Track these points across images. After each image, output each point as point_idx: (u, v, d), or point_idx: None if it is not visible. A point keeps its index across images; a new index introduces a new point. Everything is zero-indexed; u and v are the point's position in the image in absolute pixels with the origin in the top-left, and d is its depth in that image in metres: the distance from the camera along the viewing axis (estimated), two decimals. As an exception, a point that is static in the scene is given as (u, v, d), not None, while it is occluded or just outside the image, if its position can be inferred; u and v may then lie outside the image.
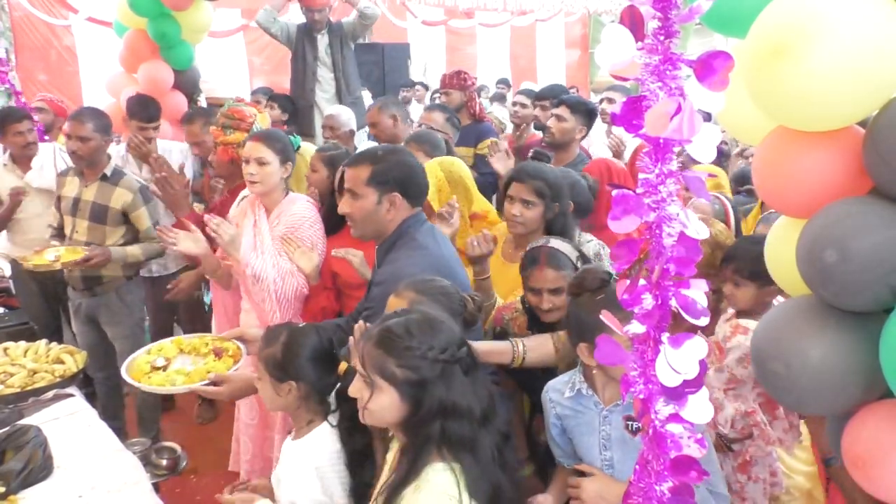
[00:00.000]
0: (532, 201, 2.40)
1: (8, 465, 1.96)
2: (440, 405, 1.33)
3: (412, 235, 2.07)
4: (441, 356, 1.34)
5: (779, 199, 1.62)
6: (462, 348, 1.39)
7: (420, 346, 1.34)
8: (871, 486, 1.42)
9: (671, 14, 0.80)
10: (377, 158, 2.08)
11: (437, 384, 1.33)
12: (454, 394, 1.34)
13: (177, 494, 3.18)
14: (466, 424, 1.33)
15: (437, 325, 1.40)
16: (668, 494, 0.92)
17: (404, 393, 1.34)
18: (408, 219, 2.09)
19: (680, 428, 0.90)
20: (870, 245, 1.32)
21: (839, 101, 1.36)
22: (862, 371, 1.41)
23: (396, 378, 1.34)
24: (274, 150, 2.63)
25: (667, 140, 0.82)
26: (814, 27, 1.31)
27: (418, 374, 1.33)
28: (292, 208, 2.68)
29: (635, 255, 0.88)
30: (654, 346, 0.88)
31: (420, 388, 1.34)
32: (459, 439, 1.33)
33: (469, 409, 1.34)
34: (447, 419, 1.33)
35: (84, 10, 7.23)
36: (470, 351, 1.42)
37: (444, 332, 1.39)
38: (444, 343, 1.36)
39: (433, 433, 1.33)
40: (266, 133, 2.79)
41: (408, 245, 2.05)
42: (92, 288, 3.34)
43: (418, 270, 1.92)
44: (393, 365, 1.35)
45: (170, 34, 4.16)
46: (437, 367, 1.34)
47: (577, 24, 12.48)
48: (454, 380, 1.35)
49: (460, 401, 1.34)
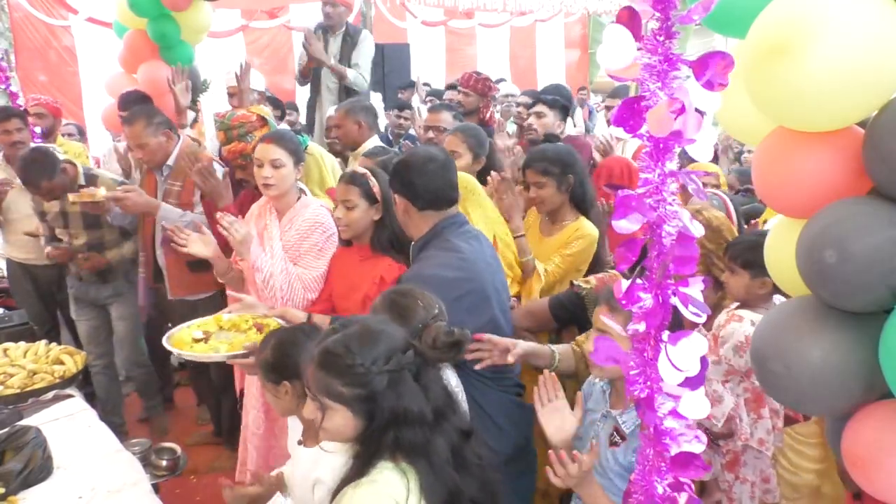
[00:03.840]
0: (542, 181, 2.65)
1: (8, 466, 1.96)
2: (392, 415, 1.31)
3: (445, 237, 2.08)
4: (386, 367, 1.32)
5: (779, 199, 1.62)
6: (408, 352, 1.37)
7: (363, 360, 1.32)
8: (870, 486, 1.43)
9: (671, 14, 0.80)
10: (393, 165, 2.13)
11: (386, 394, 1.32)
12: (405, 400, 1.32)
13: (177, 495, 3.18)
14: (419, 429, 1.32)
15: (377, 336, 1.37)
16: (668, 491, 0.92)
17: (356, 410, 1.33)
18: (442, 220, 2.10)
19: (679, 424, 0.90)
20: (869, 245, 1.32)
21: (839, 102, 1.36)
22: (862, 371, 1.41)
23: (345, 397, 1.33)
24: (288, 150, 2.57)
25: (667, 140, 0.82)
26: (813, 27, 1.31)
27: (366, 389, 1.31)
28: (305, 213, 2.62)
29: (636, 255, 0.88)
30: (654, 345, 0.88)
31: (370, 402, 1.32)
32: (413, 445, 1.32)
33: (421, 413, 1.33)
34: (400, 427, 1.31)
35: (84, 11, 7.22)
36: (417, 352, 1.40)
37: (385, 340, 1.36)
38: (386, 352, 1.33)
39: (387, 442, 1.32)
40: (278, 134, 2.73)
41: (439, 246, 2.07)
42: (104, 275, 3.51)
43: (441, 271, 1.93)
44: (339, 385, 1.33)
45: (170, 34, 4.15)
46: (384, 378, 1.32)
47: (577, 24, 12.47)
48: (404, 386, 1.33)
49: (411, 406, 1.32)
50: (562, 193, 2.68)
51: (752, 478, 2.10)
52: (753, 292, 2.10)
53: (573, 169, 2.67)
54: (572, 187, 2.67)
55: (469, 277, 1.98)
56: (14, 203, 3.82)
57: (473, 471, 1.42)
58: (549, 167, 2.64)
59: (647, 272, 0.88)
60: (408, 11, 10.08)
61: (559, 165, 2.65)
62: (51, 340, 2.91)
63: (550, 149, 2.80)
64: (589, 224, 2.68)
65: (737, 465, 2.10)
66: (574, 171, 2.67)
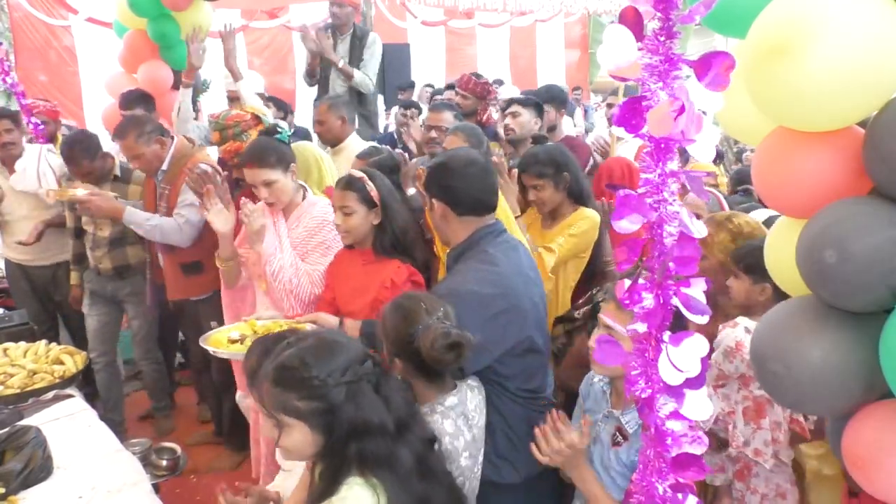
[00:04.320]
0: (539, 184, 2.69)
1: (8, 466, 1.96)
2: (351, 426, 1.29)
3: (483, 247, 1.98)
4: (343, 378, 1.30)
5: (779, 199, 1.62)
6: (365, 363, 1.35)
7: (318, 373, 1.29)
8: (870, 486, 1.42)
9: (672, 15, 0.80)
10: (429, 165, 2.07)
11: (344, 407, 1.29)
12: (364, 412, 1.30)
13: (177, 494, 3.18)
14: (381, 440, 1.30)
15: (332, 348, 1.35)
16: (669, 492, 0.92)
17: (314, 424, 1.30)
18: (481, 229, 2.00)
19: (681, 425, 0.90)
20: (869, 245, 1.32)
21: (839, 102, 1.35)
22: (862, 371, 1.40)
23: (301, 412, 1.30)
24: (271, 166, 2.54)
25: (668, 140, 0.82)
26: (813, 27, 1.31)
27: (324, 402, 1.29)
28: (313, 211, 2.63)
29: (638, 254, 0.88)
30: (655, 346, 0.89)
31: (328, 416, 1.29)
32: (376, 457, 1.29)
33: (382, 424, 1.31)
34: (361, 439, 1.29)
35: (84, 11, 7.23)
36: (375, 362, 1.38)
37: (342, 352, 1.34)
38: (343, 364, 1.31)
39: (350, 455, 1.29)
40: (255, 153, 2.59)
41: (477, 257, 1.96)
42: (122, 273, 3.59)
43: (477, 287, 1.86)
44: (295, 399, 1.30)
45: (170, 34, 4.16)
46: (341, 391, 1.30)
47: (577, 24, 12.48)
48: (362, 398, 1.31)
49: (372, 418, 1.30)
50: (560, 192, 2.73)
51: (763, 490, 2.05)
52: (754, 298, 2.09)
53: (567, 167, 2.72)
54: (569, 184, 2.72)
55: (505, 294, 1.89)
56: (11, 205, 3.83)
57: (440, 479, 1.40)
58: (544, 169, 2.69)
59: (649, 272, 0.88)
60: (408, 11, 10.08)
61: (553, 166, 2.69)
62: (49, 340, 2.92)
63: (542, 150, 2.83)
64: (590, 210, 2.74)
65: (748, 475, 2.07)
66: (568, 169, 2.72)
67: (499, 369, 1.89)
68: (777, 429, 2.02)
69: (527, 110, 3.68)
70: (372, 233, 2.35)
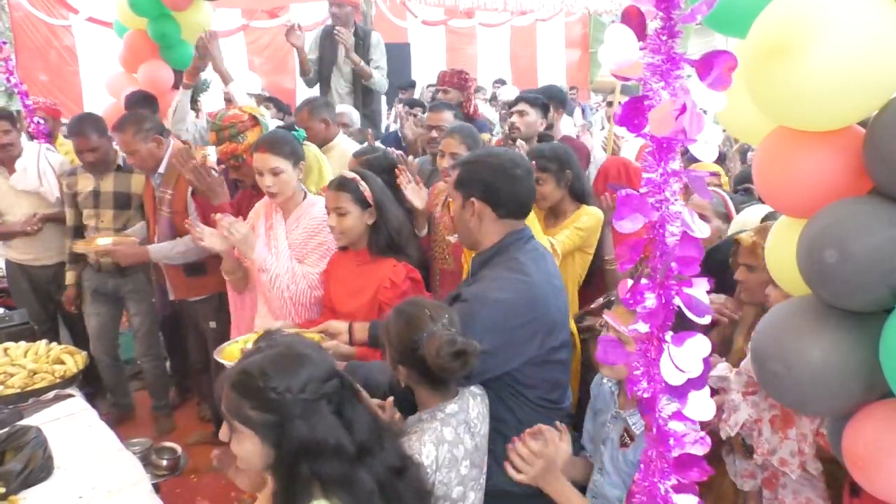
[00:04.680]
0: (541, 177, 2.70)
1: (8, 466, 1.96)
2: (301, 445, 1.24)
3: (512, 254, 1.91)
4: (300, 395, 1.25)
5: (779, 198, 1.62)
6: (329, 382, 1.30)
7: (276, 385, 1.25)
8: (871, 486, 1.42)
9: (673, 14, 0.80)
10: (465, 162, 1.99)
11: (296, 424, 1.24)
12: (318, 432, 1.25)
13: (177, 494, 3.18)
14: (336, 462, 1.25)
15: (299, 361, 1.30)
16: (671, 492, 0.92)
17: (264, 436, 1.26)
18: (511, 234, 1.94)
19: (683, 426, 0.90)
20: (870, 245, 1.32)
21: (839, 101, 1.36)
22: (862, 371, 1.40)
23: (253, 421, 1.26)
24: (284, 155, 2.56)
25: (670, 140, 0.82)
26: (814, 27, 1.31)
27: (276, 416, 1.25)
28: (312, 211, 2.63)
29: (639, 254, 0.88)
30: (657, 346, 0.88)
31: (278, 430, 1.25)
32: (332, 479, 1.25)
33: (338, 445, 1.26)
34: (315, 460, 1.25)
35: (84, 11, 7.23)
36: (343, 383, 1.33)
37: (306, 367, 1.30)
38: (304, 380, 1.27)
39: (302, 475, 1.25)
40: (272, 139, 2.64)
41: (506, 265, 1.89)
42: (123, 269, 3.62)
43: (507, 295, 1.80)
44: (247, 407, 1.26)
45: (170, 34, 4.16)
46: (296, 407, 1.25)
47: (578, 24, 12.48)
48: (318, 417, 1.26)
49: (326, 438, 1.25)
50: (561, 189, 2.76)
51: (791, 501, 1.99)
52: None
53: (570, 164, 2.75)
54: (571, 182, 2.75)
55: (534, 304, 1.85)
56: (12, 204, 3.83)
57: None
58: (547, 164, 2.72)
59: (651, 272, 0.88)
60: (408, 11, 10.08)
61: (556, 162, 2.73)
62: (50, 340, 2.92)
63: (546, 147, 2.88)
64: (593, 207, 2.77)
65: (775, 484, 2.02)
66: (571, 167, 2.75)
67: (521, 378, 1.86)
68: (803, 440, 1.97)
69: (534, 110, 3.69)
70: (366, 233, 2.34)
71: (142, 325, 3.79)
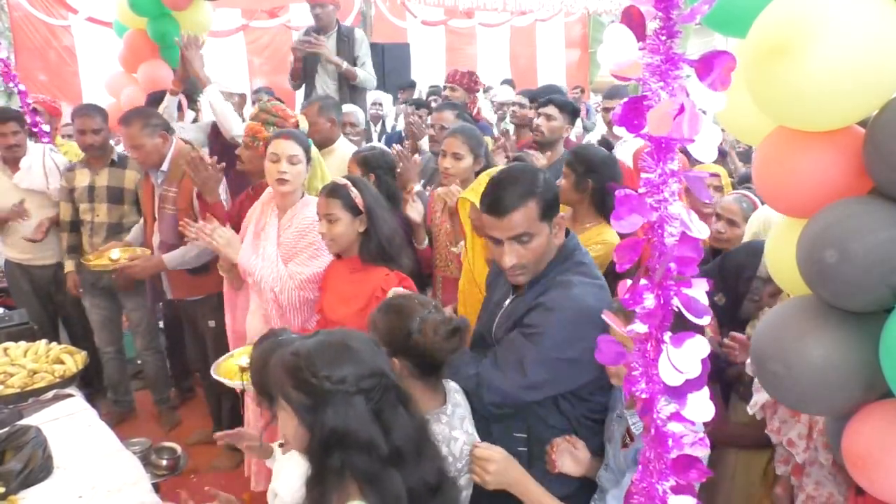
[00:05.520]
0: (566, 172, 2.69)
1: (8, 466, 1.96)
2: (333, 434, 1.27)
3: (577, 258, 1.84)
4: (338, 385, 1.29)
5: (779, 198, 1.63)
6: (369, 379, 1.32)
7: (316, 371, 1.29)
8: (871, 486, 1.42)
9: (673, 14, 0.80)
10: (536, 189, 1.73)
11: (328, 411, 1.27)
12: (350, 424, 1.27)
13: (177, 494, 3.18)
14: (367, 458, 1.27)
15: (346, 353, 1.34)
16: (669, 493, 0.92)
17: (301, 417, 1.31)
18: (570, 237, 1.85)
19: (681, 427, 0.90)
20: (870, 245, 1.32)
21: (839, 101, 1.36)
22: (862, 371, 1.41)
23: (293, 400, 1.31)
24: (303, 148, 2.62)
25: (668, 140, 0.82)
26: (814, 27, 1.31)
27: (310, 399, 1.29)
28: (305, 211, 2.63)
29: (638, 254, 0.88)
30: (655, 346, 0.88)
31: (312, 414, 1.29)
32: (361, 473, 1.27)
33: (370, 441, 1.28)
34: (346, 450, 1.27)
35: (84, 11, 7.23)
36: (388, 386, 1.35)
37: (351, 360, 1.33)
38: (345, 372, 1.30)
39: (333, 464, 1.27)
40: (294, 131, 2.75)
41: (576, 270, 1.81)
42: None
43: (596, 302, 1.73)
44: (289, 386, 1.31)
45: (170, 34, 4.16)
46: (331, 395, 1.28)
47: (577, 24, 12.48)
48: (352, 410, 1.28)
49: (357, 431, 1.27)
50: (577, 193, 2.67)
51: (812, 492, 1.99)
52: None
53: (597, 175, 2.64)
54: (592, 191, 2.65)
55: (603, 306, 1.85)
56: (12, 203, 3.82)
57: None
58: (575, 163, 2.68)
59: (650, 272, 0.88)
60: (408, 11, 10.08)
61: (584, 165, 2.66)
62: (50, 340, 2.92)
63: (589, 149, 2.85)
64: (612, 232, 2.62)
65: (800, 473, 2.04)
66: (595, 178, 2.64)
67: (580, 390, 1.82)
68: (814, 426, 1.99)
69: (563, 115, 3.65)
70: (358, 240, 2.32)
71: (141, 320, 3.83)
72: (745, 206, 2.64)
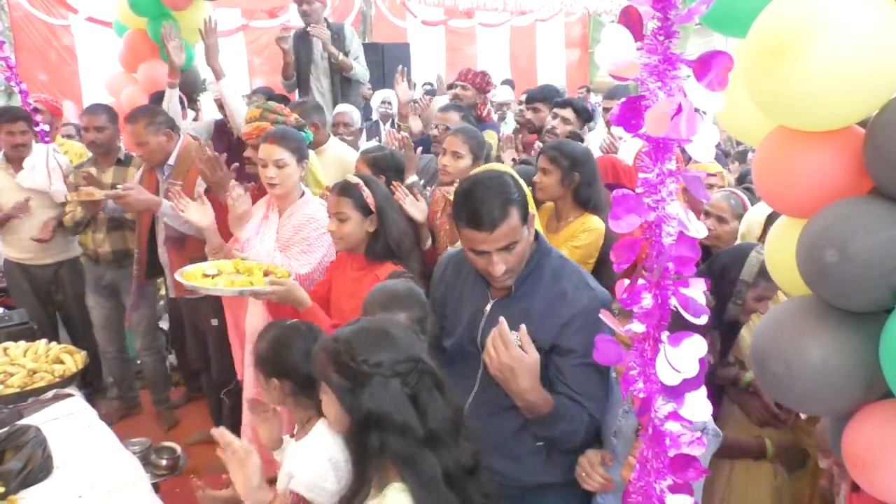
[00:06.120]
0: (548, 169, 2.72)
1: (7, 465, 1.96)
2: (370, 415, 1.32)
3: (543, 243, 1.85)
4: (375, 369, 1.33)
5: (779, 198, 1.62)
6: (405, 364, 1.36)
7: (355, 355, 1.34)
8: (871, 486, 1.42)
9: (670, 14, 0.80)
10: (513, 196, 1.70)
11: (365, 394, 1.32)
12: (386, 406, 1.32)
13: (177, 494, 3.18)
14: (403, 440, 1.31)
15: (384, 338, 1.39)
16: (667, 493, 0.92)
17: (341, 400, 1.36)
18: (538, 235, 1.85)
19: (679, 426, 0.90)
20: (870, 245, 1.32)
21: (840, 101, 1.35)
22: (862, 371, 1.40)
23: (334, 384, 1.37)
24: (290, 150, 2.61)
25: (666, 140, 0.82)
26: (815, 26, 1.31)
27: (349, 383, 1.34)
28: (304, 209, 2.65)
29: (635, 254, 0.88)
30: (653, 345, 0.88)
31: (351, 397, 1.34)
32: (398, 455, 1.31)
33: (405, 424, 1.32)
34: (384, 432, 1.31)
35: (84, 10, 7.24)
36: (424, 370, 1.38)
37: (389, 346, 1.37)
38: (382, 357, 1.35)
39: (372, 446, 1.32)
40: (280, 134, 2.72)
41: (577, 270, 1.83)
42: (120, 261, 3.69)
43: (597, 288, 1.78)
44: (331, 370, 1.37)
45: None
46: (368, 378, 1.33)
47: (577, 24, 12.49)
48: (387, 393, 1.33)
49: (393, 414, 1.32)
50: (563, 188, 2.71)
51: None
52: None
53: (582, 169, 2.70)
54: (577, 186, 2.71)
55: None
56: (14, 202, 3.83)
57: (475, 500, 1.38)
58: (560, 158, 2.70)
59: (648, 272, 0.88)
60: (408, 11, 10.09)
61: (569, 160, 2.69)
62: (49, 340, 2.92)
63: (569, 144, 2.86)
64: (596, 219, 2.72)
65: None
66: (582, 172, 2.70)
67: None
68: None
69: (579, 121, 3.68)
70: (366, 240, 2.32)
71: (141, 319, 3.82)
72: (733, 203, 2.67)
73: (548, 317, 1.74)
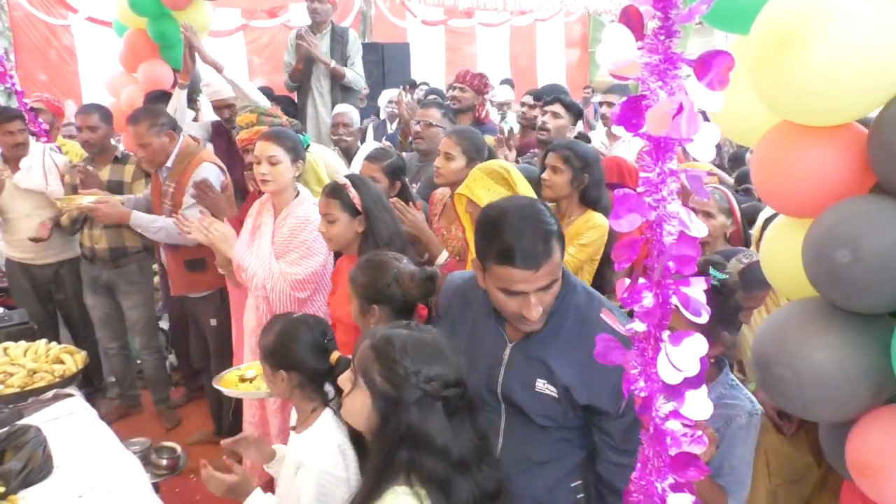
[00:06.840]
0: (559, 167, 2.70)
1: (7, 465, 1.96)
2: (409, 431, 1.29)
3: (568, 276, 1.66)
4: (424, 385, 1.30)
5: (778, 197, 1.61)
6: (451, 388, 1.33)
7: (408, 366, 1.31)
8: (880, 495, 1.38)
9: (671, 14, 0.80)
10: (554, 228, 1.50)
11: (409, 409, 1.30)
12: (428, 426, 1.29)
13: (177, 494, 3.18)
14: (439, 462, 1.29)
15: (437, 355, 1.35)
16: (668, 491, 0.92)
17: (377, 403, 1.33)
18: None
19: (679, 425, 0.90)
20: (883, 244, 1.30)
21: (845, 95, 1.34)
22: (871, 375, 1.37)
23: (374, 385, 1.33)
24: (285, 148, 2.61)
25: (667, 139, 0.82)
26: (820, 20, 1.29)
27: (395, 392, 1.31)
28: (299, 210, 2.64)
29: (636, 253, 0.89)
30: (654, 345, 0.89)
31: (392, 405, 1.31)
32: (430, 475, 1.29)
33: (444, 447, 1.29)
34: (419, 450, 1.29)
35: (83, 10, 7.23)
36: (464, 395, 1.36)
37: (440, 363, 1.34)
38: (433, 374, 1.32)
39: (400, 460, 1.29)
40: (276, 132, 2.75)
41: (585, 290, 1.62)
42: (117, 259, 3.66)
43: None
44: (375, 370, 1.33)
45: (169, 34, 4.16)
46: (414, 393, 1.30)
47: (577, 23, 12.49)
48: (431, 414, 1.30)
49: (434, 436, 1.29)
50: (572, 188, 2.72)
51: None
52: None
53: (591, 171, 2.71)
54: (585, 187, 2.71)
55: None
56: (13, 203, 3.83)
57: None
58: (573, 158, 2.69)
59: (649, 271, 0.88)
60: (408, 10, 10.09)
61: (581, 161, 2.70)
62: (50, 339, 2.92)
63: (582, 145, 2.86)
64: (599, 215, 2.73)
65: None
66: (591, 173, 2.71)
67: None
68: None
69: (569, 115, 3.66)
70: (357, 240, 2.34)
71: (139, 318, 3.81)
72: (718, 198, 2.69)
73: (573, 365, 1.53)
